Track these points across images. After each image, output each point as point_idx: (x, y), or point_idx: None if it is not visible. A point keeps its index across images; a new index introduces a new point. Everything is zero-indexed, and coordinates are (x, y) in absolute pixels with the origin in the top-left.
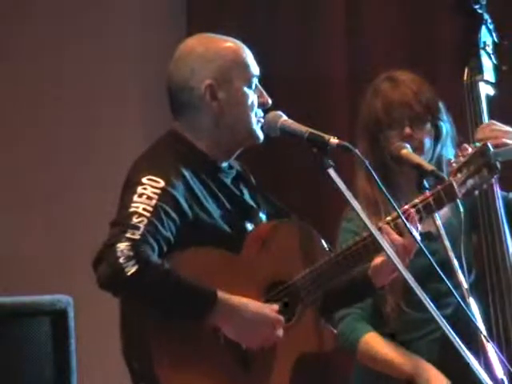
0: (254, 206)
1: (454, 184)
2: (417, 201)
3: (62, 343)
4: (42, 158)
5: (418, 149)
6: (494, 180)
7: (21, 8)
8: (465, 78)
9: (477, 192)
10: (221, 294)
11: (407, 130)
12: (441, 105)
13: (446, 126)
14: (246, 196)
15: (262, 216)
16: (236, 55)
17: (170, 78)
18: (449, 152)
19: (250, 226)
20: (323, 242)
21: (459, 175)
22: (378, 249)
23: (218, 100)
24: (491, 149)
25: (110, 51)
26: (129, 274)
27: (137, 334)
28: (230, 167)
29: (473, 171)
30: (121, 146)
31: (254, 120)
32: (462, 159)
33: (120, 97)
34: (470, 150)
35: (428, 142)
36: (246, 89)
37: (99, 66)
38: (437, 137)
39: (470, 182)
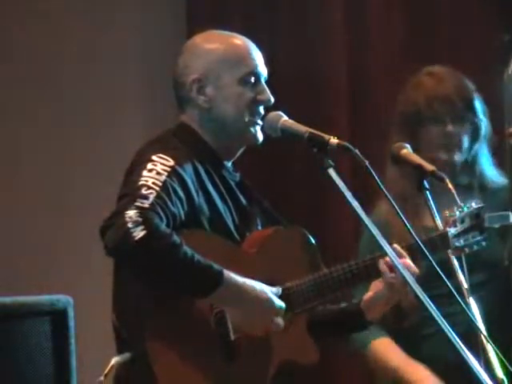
0: (253, 215)
1: (449, 235)
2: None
3: (62, 343)
4: (41, 158)
5: (457, 146)
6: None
7: (21, 7)
8: (505, 76)
9: (467, 251)
10: (227, 274)
11: (449, 127)
12: (481, 103)
13: (485, 126)
14: (246, 204)
15: (259, 228)
16: (232, 51)
17: (172, 72)
18: (483, 153)
19: (247, 233)
20: (319, 254)
21: (454, 228)
22: (376, 271)
23: (206, 96)
24: (485, 212)
25: (110, 51)
26: (136, 238)
27: (132, 303)
28: (235, 170)
29: (466, 229)
30: (121, 146)
31: (246, 118)
32: (457, 214)
33: (120, 97)
34: (465, 208)
35: (466, 141)
36: (237, 86)
37: (99, 65)
38: (475, 135)
39: (463, 238)
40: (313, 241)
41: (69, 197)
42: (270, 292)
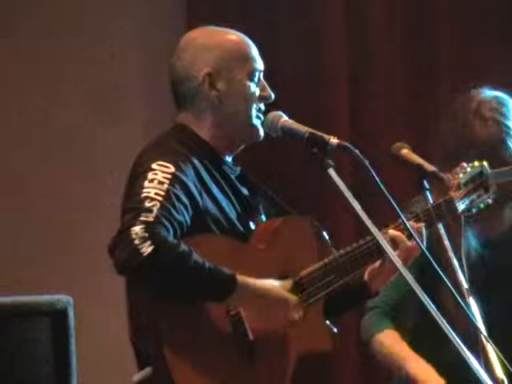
0: (256, 205)
1: (455, 199)
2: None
3: (62, 343)
4: (41, 158)
5: None
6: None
7: (23, 5)
8: None
9: (474, 211)
10: (240, 277)
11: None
12: None
13: None
14: (248, 195)
15: (263, 217)
16: (238, 46)
17: (171, 69)
18: None
19: (252, 225)
20: (328, 240)
21: (458, 192)
22: (383, 251)
23: (217, 90)
24: (488, 169)
25: (110, 51)
26: (145, 254)
27: (146, 316)
28: (235, 165)
29: (471, 189)
30: (121, 146)
31: (254, 113)
32: (461, 176)
33: (120, 96)
34: (468, 169)
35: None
36: (247, 81)
37: (99, 64)
38: None
39: (469, 199)
40: (321, 228)
41: (69, 198)
42: (283, 288)
